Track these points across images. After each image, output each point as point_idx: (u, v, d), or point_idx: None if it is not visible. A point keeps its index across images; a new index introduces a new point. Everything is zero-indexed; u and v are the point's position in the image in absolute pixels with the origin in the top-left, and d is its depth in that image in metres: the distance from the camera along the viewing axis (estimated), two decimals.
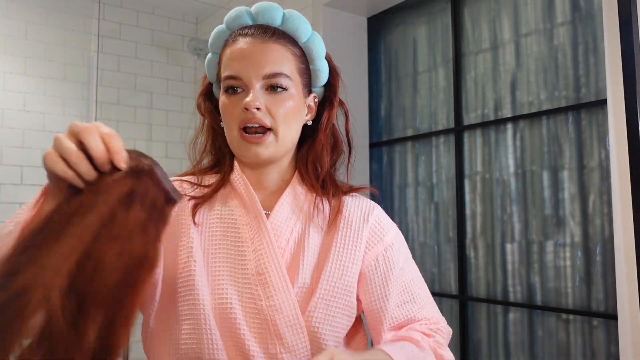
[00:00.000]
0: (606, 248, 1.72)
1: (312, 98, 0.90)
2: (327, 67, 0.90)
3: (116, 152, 0.57)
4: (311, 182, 0.88)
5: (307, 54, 0.87)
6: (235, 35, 0.85)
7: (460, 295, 2.13)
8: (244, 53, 0.82)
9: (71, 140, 0.57)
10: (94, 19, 2.86)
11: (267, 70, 0.81)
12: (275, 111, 0.81)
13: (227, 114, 0.83)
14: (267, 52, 0.82)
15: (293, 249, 0.83)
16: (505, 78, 2.05)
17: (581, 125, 1.82)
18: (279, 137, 0.82)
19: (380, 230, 0.88)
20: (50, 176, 0.59)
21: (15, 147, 2.67)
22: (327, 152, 0.90)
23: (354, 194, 0.92)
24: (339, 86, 0.92)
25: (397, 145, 2.46)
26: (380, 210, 0.93)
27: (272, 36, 0.83)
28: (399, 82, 2.47)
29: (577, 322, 1.78)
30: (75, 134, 0.58)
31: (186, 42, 2.94)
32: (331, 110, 0.91)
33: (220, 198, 0.87)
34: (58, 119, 2.78)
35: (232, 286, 0.79)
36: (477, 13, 2.17)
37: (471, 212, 2.12)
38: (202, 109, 0.93)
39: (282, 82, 0.81)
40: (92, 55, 2.78)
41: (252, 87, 0.80)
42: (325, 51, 0.89)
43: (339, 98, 0.92)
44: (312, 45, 0.87)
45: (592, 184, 1.77)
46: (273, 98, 0.81)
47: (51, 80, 2.79)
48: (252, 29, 0.84)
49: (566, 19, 1.88)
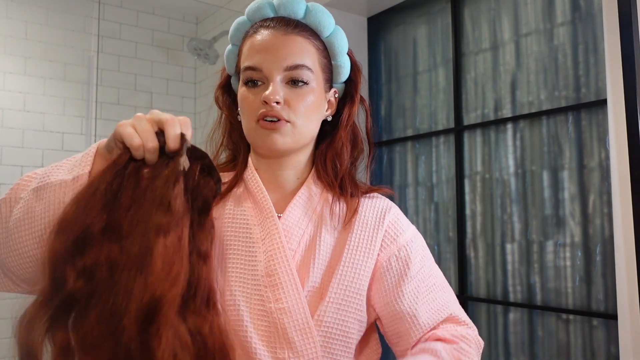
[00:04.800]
0: (606, 248, 1.72)
1: (333, 93, 0.88)
2: (349, 63, 0.88)
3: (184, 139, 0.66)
4: (329, 181, 0.85)
5: (329, 49, 0.85)
6: (257, 26, 0.83)
7: (460, 295, 2.13)
8: (265, 44, 0.80)
9: (149, 123, 0.66)
10: (94, 19, 2.86)
11: (288, 61, 0.78)
12: (296, 105, 0.79)
13: (245, 106, 0.81)
14: (289, 44, 0.80)
15: (304, 250, 0.81)
16: (505, 78, 2.05)
17: (581, 125, 1.82)
18: (296, 128, 0.80)
19: (396, 231, 0.85)
20: (114, 144, 0.66)
21: (15, 147, 2.67)
22: (347, 150, 0.88)
23: (372, 194, 0.90)
24: (361, 82, 0.90)
25: (397, 145, 2.46)
26: (398, 211, 0.89)
27: (294, 28, 0.81)
28: (399, 82, 2.47)
29: (577, 322, 1.78)
30: (157, 122, 0.66)
31: (186, 42, 2.94)
32: (352, 106, 0.89)
33: (234, 197, 0.85)
34: (58, 119, 2.78)
35: (240, 287, 0.77)
36: (477, 13, 2.17)
37: (471, 212, 2.12)
38: (219, 102, 0.91)
39: (304, 74, 0.79)
40: (92, 55, 2.78)
41: (272, 79, 0.78)
42: (347, 46, 0.87)
43: (360, 95, 0.90)
44: (335, 40, 0.85)
45: (592, 184, 1.77)
46: (293, 92, 0.79)
47: (51, 80, 2.79)
48: (274, 21, 0.82)
49: (566, 19, 1.88)
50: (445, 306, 0.84)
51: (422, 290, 0.83)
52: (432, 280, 0.85)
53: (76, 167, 0.69)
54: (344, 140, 0.87)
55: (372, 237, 0.83)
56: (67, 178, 0.67)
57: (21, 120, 2.69)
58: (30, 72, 2.74)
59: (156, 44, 3.16)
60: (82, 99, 2.82)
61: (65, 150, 2.78)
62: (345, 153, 0.87)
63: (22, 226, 0.68)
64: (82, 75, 2.81)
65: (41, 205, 0.67)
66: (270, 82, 0.78)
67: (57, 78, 2.81)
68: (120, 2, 3.06)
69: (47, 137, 2.74)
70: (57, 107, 2.79)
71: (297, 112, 0.79)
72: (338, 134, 0.87)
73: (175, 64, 3.23)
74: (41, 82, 2.76)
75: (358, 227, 0.84)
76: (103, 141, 0.70)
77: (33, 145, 2.70)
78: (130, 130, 0.64)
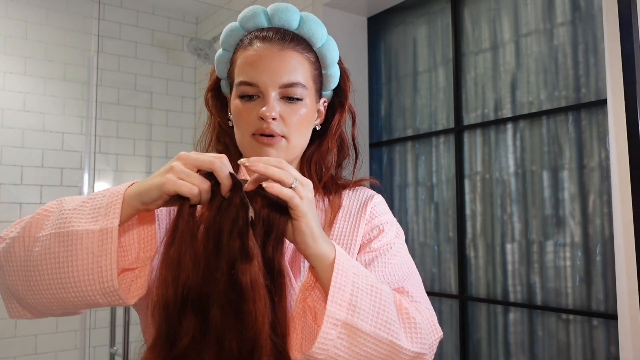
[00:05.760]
0: (606, 248, 1.72)
1: (322, 102, 0.90)
2: (339, 72, 0.90)
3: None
4: (314, 183, 0.88)
5: (320, 60, 0.86)
6: (251, 37, 0.83)
7: (460, 295, 2.13)
8: (262, 59, 0.81)
9: (187, 167, 0.67)
10: (94, 19, 2.86)
11: (284, 79, 0.80)
12: (290, 120, 0.81)
13: (240, 120, 0.83)
14: (285, 60, 0.81)
15: (295, 247, 0.83)
16: (505, 78, 2.05)
17: (581, 125, 1.82)
18: (290, 143, 0.83)
19: (373, 215, 0.88)
20: (156, 196, 0.67)
21: (15, 147, 2.66)
22: (334, 155, 0.90)
23: (356, 187, 0.93)
24: (350, 91, 0.92)
25: (397, 145, 2.46)
26: (380, 199, 0.92)
27: (290, 42, 0.82)
28: (399, 82, 2.47)
29: (577, 322, 1.78)
30: (197, 166, 0.67)
31: (186, 42, 2.94)
32: (342, 115, 0.91)
33: None
34: (58, 119, 2.78)
35: None
36: (477, 13, 2.17)
37: (471, 212, 2.12)
38: (209, 105, 0.92)
39: (298, 92, 0.81)
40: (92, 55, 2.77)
41: (268, 95, 0.80)
42: (338, 56, 0.88)
43: (349, 102, 0.92)
44: (327, 51, 0.86)
45: (592, 184, 1.77)
46: (288, 107, 0.82)
47: (51, 80, 2.79)
48: (270, 32, 0.83)
49: (566, 19, 1.88)
50: (399, 279, 0.82)
51: (379, 262, 0.84)
52: (394, 260, 0.85)
53: (100, 217, 0.68)
54: (331, 146, 0.90)
55: (354, 226, 0.86)
56: (93, 228, 0.68)
57: (21, 120, 2.69)
58: (30, 72, 2.74)
59: (156, 44, 3.16)
60: (82, 99, 2.82)
61: (65, 150, 2.78)
62: (333, 159, 0.90)
63: (45, 270, 0.69)
64: (82, 75, 2.81)
65: (66, 252, 0.68)
66: (266, 98, 0.80)
67: (57, 78, 2.81)
68: (120, 2, 3.06)
69: (47, 137, 2.74)
70: (57, 107, 2.79)
71: (291, 127, 0.82)
72: (326, 141, 0.90)
73: (175, 64, 3.23)
74: (41, 82, 2.76)
75: (341, 219, 0.87)
76: (122, 189, 0.70)
77: (33, 145, 2.70)
78: (182, 183, 0.65)
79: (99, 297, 0.68)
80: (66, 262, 0.68)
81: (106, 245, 0.66)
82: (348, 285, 0.69)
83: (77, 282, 0.67)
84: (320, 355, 0.67)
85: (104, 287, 0.67)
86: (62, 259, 0.68)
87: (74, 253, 0.67)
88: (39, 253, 0.69)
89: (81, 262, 0.67)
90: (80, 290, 0.68)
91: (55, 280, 0.68)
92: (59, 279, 0.68)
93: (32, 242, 0.70)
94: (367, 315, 0.69)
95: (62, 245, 0.68)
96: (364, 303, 0.69)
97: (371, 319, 0.69)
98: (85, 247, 0.67)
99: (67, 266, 0.67)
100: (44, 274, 0.68)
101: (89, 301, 0.69)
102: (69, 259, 0.67)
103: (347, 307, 0.67)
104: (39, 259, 0.69)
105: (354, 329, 0.68)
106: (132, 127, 3.04)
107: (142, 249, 0.72)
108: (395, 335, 0.70)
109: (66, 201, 0.73)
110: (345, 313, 0.67)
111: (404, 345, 0.71)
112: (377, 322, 0.69)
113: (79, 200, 0.72)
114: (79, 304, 0.70)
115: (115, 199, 0.69)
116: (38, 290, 0.69)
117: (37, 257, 0.69)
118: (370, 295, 0.70)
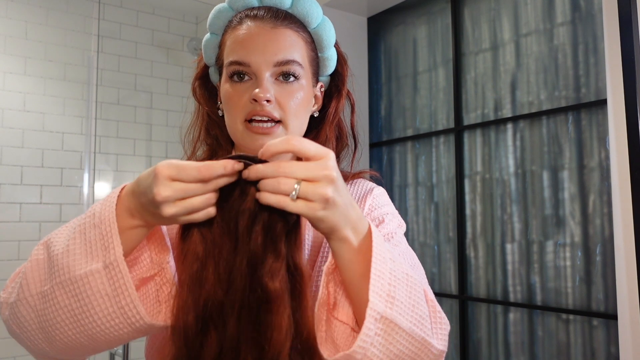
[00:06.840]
0: (606, 248, 1.72)
1: (319, 87, 0.84)
2: (336, 55, 0.84)
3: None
4: None
5: (316, 41, 0.80)
6: (241, 16, 0.78)
7: (460, 295, 2.13)
8: (253, 37, 0.74)
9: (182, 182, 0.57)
10: (93, 19, 2.86)
11: (279, 57, 0.74)
12: (286, 103, 0.74)
13: (231, 104, 0.76)
14: (279, 38, 0.75)
15: None
16: (505, 78, 2.05)
17: (581, 125, 1.82)
18: (288, 129, 0.75)
19: (373, 208, 0.82)
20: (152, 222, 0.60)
21: (15, 147, 2.66)
22: (332, 145, 0.84)
23: (355, 180, 0.87)
24: (347, 75, 0.86)
25: (397, 145, 2.46)
26: (380, 191, 0.86)
27: (283, 21, 0.76)
28: (399, 82, 2.47)
29: (577, 322, 1.78)
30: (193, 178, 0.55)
31: (186, 42, 2.94)
32: (339, 101, 0.85)
33: None
34: (58, 119, 2.78)
35: None
36: (477, 13, 2.17)
37: (471, 212, 2.12)
38: (197, 94, 0.86)
39: (295, 70, 0.75)
40: (92, 55, 2.78)
41: (261, 75, 0.73)
42: (335, 38, 0.83)
43: (346, 88, 0.86)
44: (323, 32, 0.80)
45: (592, 184, 1.77)
46: (283, 89, 0.75)
47: (51, 80, 2.79)
48: (261, 10, 0.77)
49: (566, 19, 1.88)
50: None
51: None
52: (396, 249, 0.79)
53: (98, 251, 0.60)
54: (329, 135, 0.83)
55: None
56: (96, 267, 0.59)
57: (21, 120, 2.69)
58: (30, 72, 2.74)
59: (156, 44, 3.16)
60: (82, 99, 2.82)
61: (65, 150, 2.78)
62: (330, 148, 0.82)
63: (65, 326, 0.61)
64: (82, 75, 2.81)
65: (78, 302, 0.60)
66: (259, 79, 0.74)
67: (57, 78, 2.81)
68: (120, 2, 3.06)
69: (47, 137, 2.74)
70: (57, 107, 2.79)
71: (287, 111, 0.75)
72: (323, 129, 0.83)
73: (175, 64, 3.22)
74: (41, 82, 2.76)
75: None
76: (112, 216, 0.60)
77: (33, 145, 2.70)
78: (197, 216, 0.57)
79: (135, 334, 0.61)
80: (82, 313, 0.60)
81: (118, 281, 0.59)
82: (386, 273, 0.58)
83: (104, 330, 0.60)
84: (357, 355, 0.57)
85: (135, 327, 0.60)
86: (77, 311, 0.60)
87: (87, 301, 0.59)
88: (52, 311, 0.61)
89: (98, 308, 0.59)
90: (111, 335, 0.61)
91: (80, 333, 0.61)
92: (83, 331, 0.60)
93: (38, 300, 0.62)
94: (405, 308, 0.59)
95: (71, 296, 0.60)
96: (401, 294, 0.59)
97: (408, 313, 0.59)
98: (97, 288, 0.59)
99: (87, 317, 0.60)
100: (66, 330, 0.61)
101: (126, 339, 0.62)
102: (84, 309, 0.60)
103: (386, 299, 0.57)
104: (53, 317, 0.61)
105: (393, 325, 0.58)
106: (132, 127, 3.04)
107: (152, 249, 0.65)
108: (428, 333, 0.62)
109: (52, 243, 0.64)
110: (384, 305, 0.57)
111: (434, 344, 0.62)
112: (413, 317, 0.60)
113: (64, 237, 0.63)
114: (118, 343, 0.63)
115: (107, 231, 0.60)
116: (68, 347, 0.62)
117: (51, 316, 0.61)
118: (407, 286, 0.60)
